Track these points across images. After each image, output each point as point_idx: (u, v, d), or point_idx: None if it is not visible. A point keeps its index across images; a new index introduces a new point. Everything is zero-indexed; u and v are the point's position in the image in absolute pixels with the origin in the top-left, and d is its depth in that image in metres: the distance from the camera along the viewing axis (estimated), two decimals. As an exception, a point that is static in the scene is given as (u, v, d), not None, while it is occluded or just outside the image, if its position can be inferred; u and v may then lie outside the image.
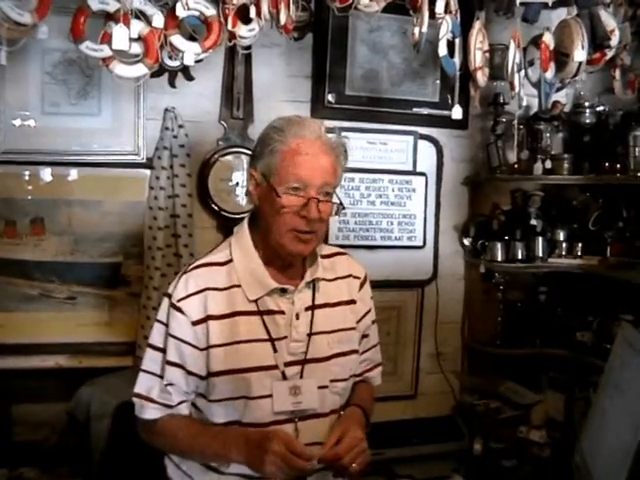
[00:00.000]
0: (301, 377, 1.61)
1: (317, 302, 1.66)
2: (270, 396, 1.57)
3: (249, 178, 1.63)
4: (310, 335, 1.63)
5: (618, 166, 2.80)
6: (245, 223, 1.68)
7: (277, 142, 1.55)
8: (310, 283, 1.66)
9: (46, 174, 2.75)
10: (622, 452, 1.60)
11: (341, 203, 1.61)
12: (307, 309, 1.64)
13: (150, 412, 1.60)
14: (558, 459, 2.72)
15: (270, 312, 1.60)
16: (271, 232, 1.58)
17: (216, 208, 2.91)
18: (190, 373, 1.58)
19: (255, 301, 1.60)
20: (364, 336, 1.79)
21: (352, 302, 1.74)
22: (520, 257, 3.10)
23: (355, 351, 1.73)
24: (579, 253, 3.07)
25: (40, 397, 2.70)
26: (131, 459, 2.02)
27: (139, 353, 2.74)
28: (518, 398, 3.08)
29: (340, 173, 1.61)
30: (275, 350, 1.59)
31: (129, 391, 1.64)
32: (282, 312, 1.61)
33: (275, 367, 1.58)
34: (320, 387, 1.63)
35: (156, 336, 1.62)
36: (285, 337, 1.60)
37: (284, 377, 1.59)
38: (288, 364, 1.60)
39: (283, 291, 1.61)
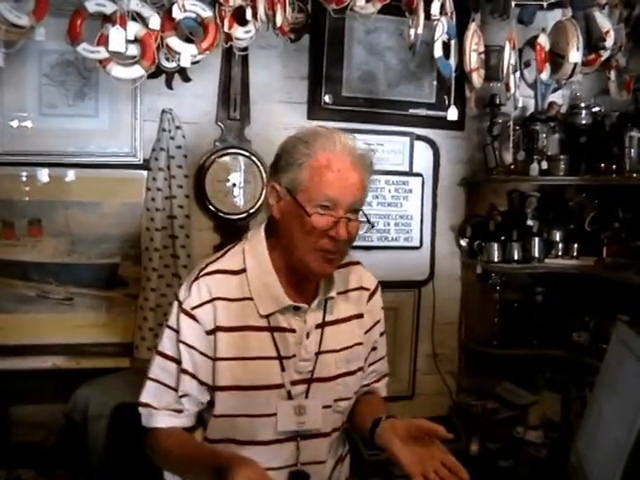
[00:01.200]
0: (306, 397, 1.56)
1: (327, 319, 1.60)
2: (274, 415, 1.53)
3: (270, 191, 1.52)
4: (318, 354, 1.57)
5: (614, 167, 2.80)
6: (262, 231, 1.59)
7: (305, 156, 1.45)
8: (323, 300, 1.59)
9: (43, 175, 2.75)
10: (617, 453, 1.60)
11: (369, 221, 1.54)
12: (317, 326, 1.58)
13: (159, 420, 1.54)
14: (555, 459, 2.73)
15: (281, 329, 1.54)
16: (295, 249, 1.49)
17: (213, 209, 2.91)
18: (202, 383, 1.52)
19: (266, 317, 1.53)
20: (372, 349, 1.74)
21: (360, 316, 1.68)
22: (517, 258, 3.10)
23: (361, 368, 1.68)
24: (575, 254, 3.08)
25: (38, 398, 2.71)
26: (129, 460, 2.01)
27: (136, 354, 2.75)
28: (515, 398, 3.09)
29: (368, 189, 1.52)
30: (283, 369, 1.53)
31: (127, 392, 1.62)
32: (293, 330, 1.55)
33: (282, 386, 1.54)
34: (324, 407, 1.58)
35: (166, 343, 1.54)
36: (294, 356, 1.55)
37: (289, 396, 1.55)
38: (294, 383, 1.55)
39: (296, 309, 1.55)
